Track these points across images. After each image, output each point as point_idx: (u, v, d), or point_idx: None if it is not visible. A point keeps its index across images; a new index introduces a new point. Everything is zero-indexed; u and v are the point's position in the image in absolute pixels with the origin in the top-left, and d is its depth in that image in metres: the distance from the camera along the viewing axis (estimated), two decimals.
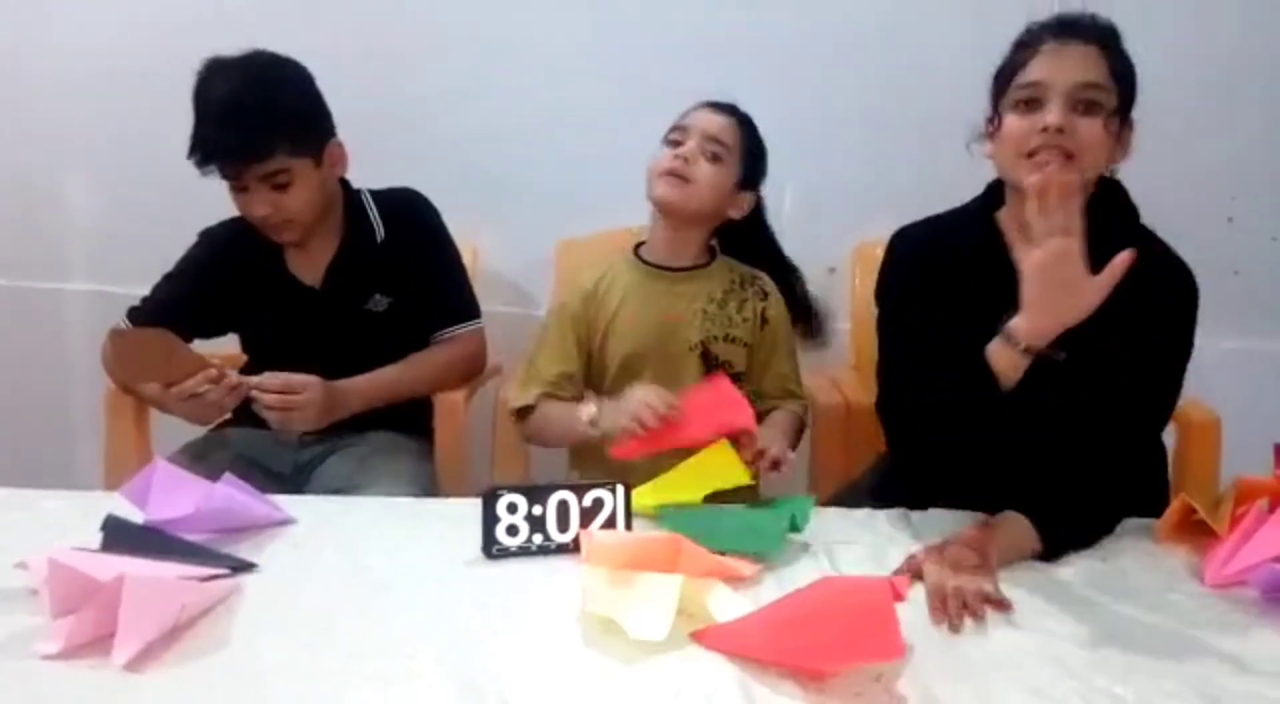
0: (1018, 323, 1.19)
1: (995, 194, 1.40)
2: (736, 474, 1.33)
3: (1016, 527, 1.20)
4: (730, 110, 1.56)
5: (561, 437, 1.58)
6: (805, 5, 2.14)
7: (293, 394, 1.52)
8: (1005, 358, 1.20)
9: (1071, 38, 1.27)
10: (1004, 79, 1.32)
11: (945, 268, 1.38)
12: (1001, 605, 1.06)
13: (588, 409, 1.47)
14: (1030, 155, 1.25)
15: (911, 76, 2.11)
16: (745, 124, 1.57)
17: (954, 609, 1.04)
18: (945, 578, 1.08)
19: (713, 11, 2.14)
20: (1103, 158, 1.28)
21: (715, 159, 1.51)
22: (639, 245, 1.63)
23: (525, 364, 1.65)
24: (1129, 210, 1.36)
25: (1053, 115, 1.23)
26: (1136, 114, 1.33)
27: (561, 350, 1.59)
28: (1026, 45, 1.30)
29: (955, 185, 1.57)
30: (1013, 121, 1.28)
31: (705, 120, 1.53)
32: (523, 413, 1.60)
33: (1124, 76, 1.28)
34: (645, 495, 1.29)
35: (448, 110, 2.17)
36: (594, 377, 1.61)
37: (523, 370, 1.65)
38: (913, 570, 1.12)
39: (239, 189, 1.55)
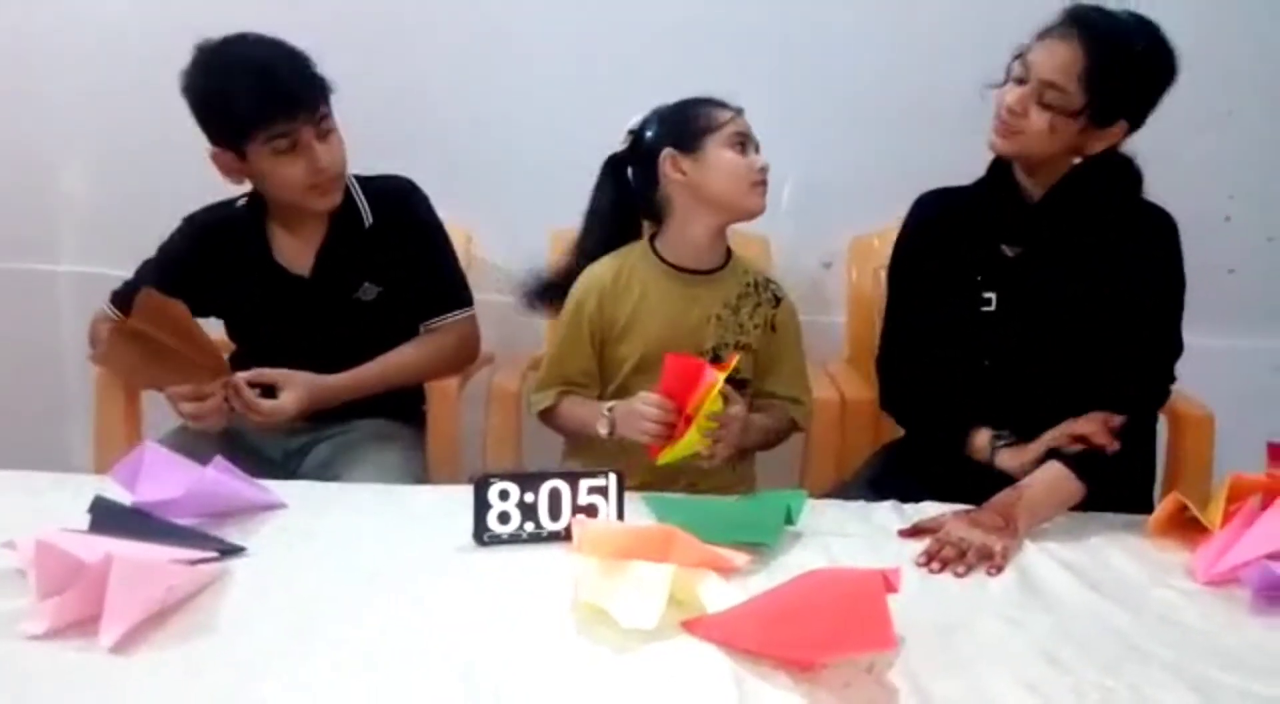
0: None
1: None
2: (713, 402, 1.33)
3: (1049, 474, 1.28)
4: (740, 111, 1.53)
5: (584, 433, 1.57)
6: None
7: (263, 405, 1.49)
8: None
9: (1068, 32, 1.35)
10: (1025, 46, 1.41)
11: (958, 230, 1.48)
12: (995, 564, 1.14)
13: (603, 423, 1.46)
14: (996, 119, 1.40)
15: (909, 70, 2.11)
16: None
17: (942, 554, 1.12)
18: (957, 530, 1.16)
19: (711, 5, 2.13)
20: (1049, 145, 1.38)
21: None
22: (652, 236, 1.61)
23: (544, 362, 1.64)
24: (1124, 180, 1.43)
25: (1011, 97, 1.38)
26: None
27: (579, 346, 1.57)
28: (1051, 24, 1.38)
29: (953, 179, 1.57)
30: (1005, 86, 1.40)
31: (747, 124, 1.51)
32: (545, 413, 1.59)
33: (1100, 84, 1.33)
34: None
35: (442, 97, 2.16)
36: (605, 373, 1.58)
37: (541, 369, 1.64)
38: (926, 529, 1.20)
39: (287, 150, 1.49)
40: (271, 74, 1.48)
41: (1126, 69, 1.34)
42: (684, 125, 1.51)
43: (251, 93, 1.46)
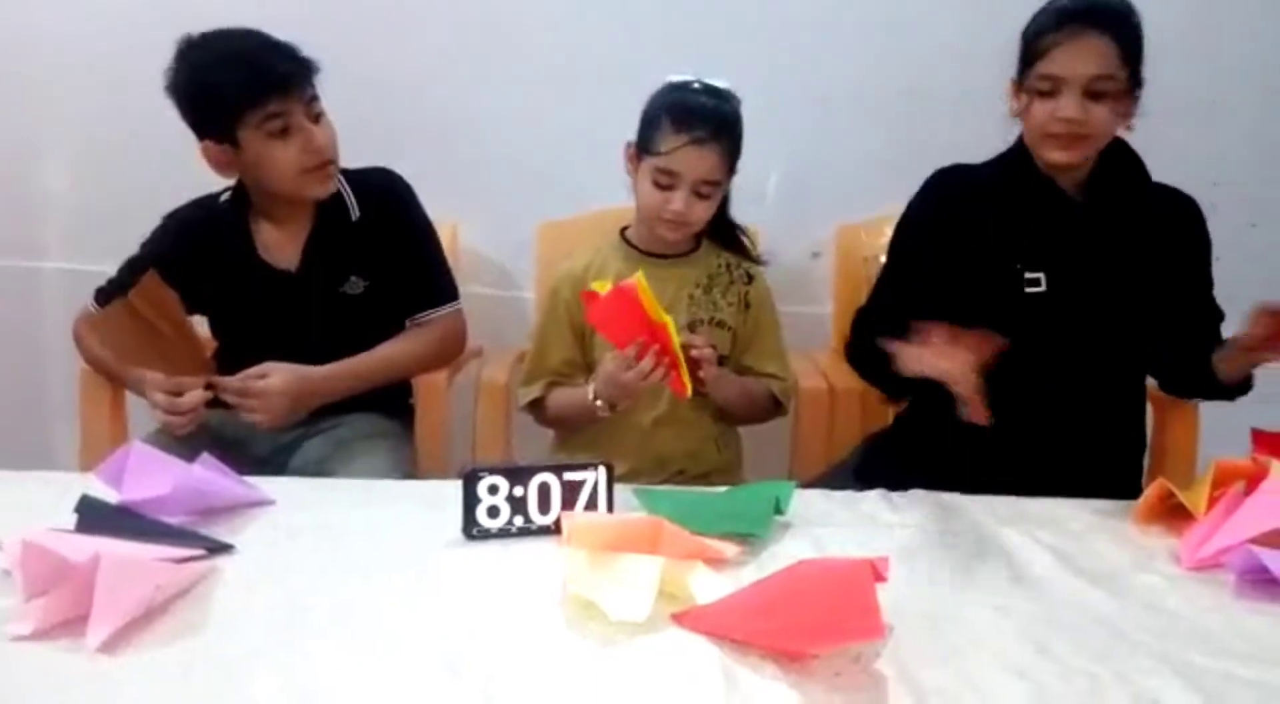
0: None
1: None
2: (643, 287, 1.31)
3: None
4: (714, 134, 1.47)
5: (582, 419, 1.57)
6: None
7: (252, 385, 1.49)
8: None
9: (1087, 27, 1.38)
10: (1028, 60, 1.42)
11: (981, 210, 1.50)
12: None
13: (601, 408, 1.47)
14: (1051, 135, 1.40)
15: (896, 59, 2.11)
16: (730, 125, 1.51)
17: None
18: None
19: None
20: (1114, 129, 1.43)
21: (707, 196, 1.51)
22: (625, 229, 1.63)
23: (527, 356, 1.64)
24: (1135, 161, 1.50)
25: (1069, 108, 1.38)
26: None
27: (560, 336, 1.59)
28: (1048, 32, 1.40)
29: (942, 165, 1.57)
30: (1036, 107, 1.41)
31: (692, 166, 1.47)
32: (534, 405, 1.59)
33: (1134, 54, 1.40)
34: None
35: (428, 88, 2.14)
36: (589, 361, 1.60)
37: (526, 363, 1.64)
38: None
39: (279, 133, 1.49)
40: (258, 56, 1.48)
41: (1139, 31, 1.41)
42: (647, 127, 1.51)
43: (240, 74, 1.47)
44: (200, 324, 1.67)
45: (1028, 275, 1.46)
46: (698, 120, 1.46)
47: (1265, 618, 1.03)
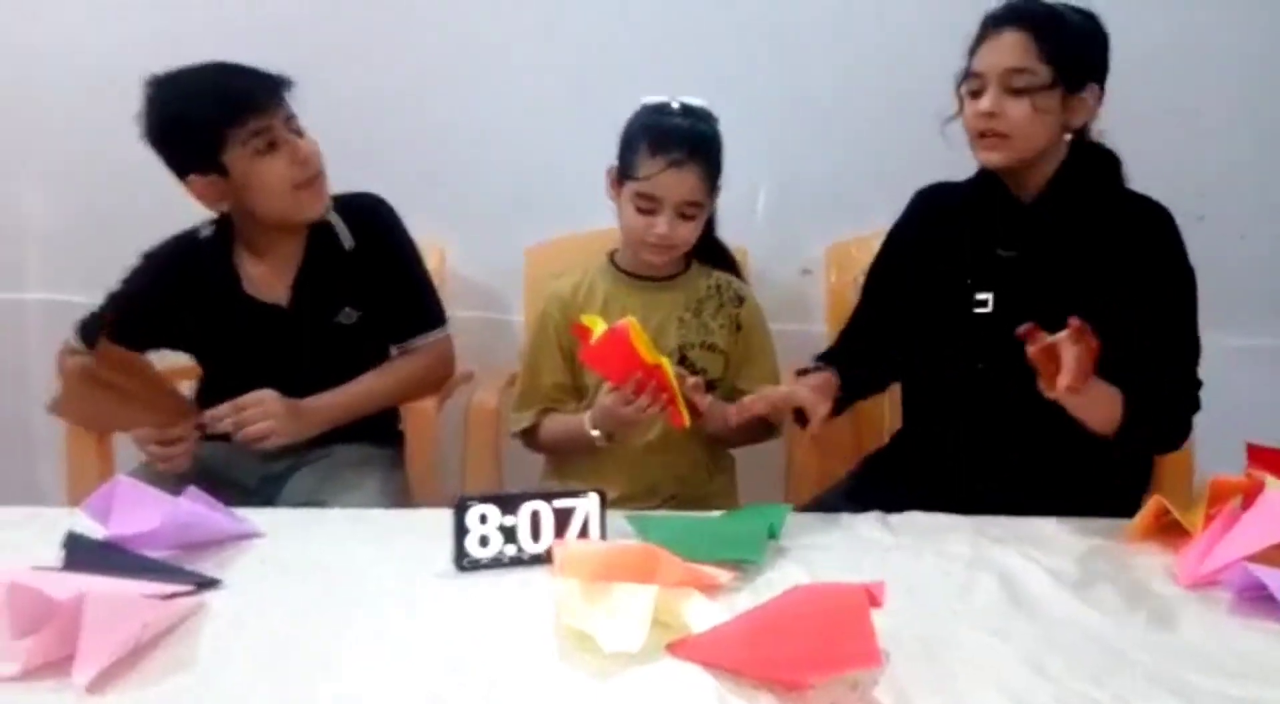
0: None
1: None
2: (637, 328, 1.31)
3: (1112, 389, 1.29)
4: (691, 154, 1.46)
5: (574, 447, 1.56)
6: (775, 1, 2.13)
7: (245, 400, 1.48)
8: None
9: (1004, 25, 1.39)
10: (964, 68, 1.44)
11: (952, 228, 1.51)
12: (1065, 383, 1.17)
13: (598, 439, 1.47)
14: (980, 136, 1.41)
15: (886, 75, 2.11)
16: (708, 145, 1.50)
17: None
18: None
19: (682, 11, 2.12)
20: (1043, 130, 1.40)
21: (691, 218, 1.50)
22: (613, 252, 1.62)
23: (518, 382, 1.63)
24: (1108, 171, 1.45)
25: (984, 102, 1.39)
26: (1104, 108, 1.44)
27: (550, 361, 1.58)
28: (977, 35, 1.43)
29: (931, 181, 1.57)
30: (966, 107, 1.43)
31: (672, 188, 1.47)
32: (527, 433, 1.58)
33: (1059, 53, 1.37)
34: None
35: (414, 110, 2.14)
36: (578, 382, 1.59)
37: (516, 388, 1.63)
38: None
39: (265, 149, 1.48)
40: (228, 78, 1.49)
41: (1069, 30, 1.39)
42: (626, 151, 1.51)
43: (215, 97, 1.47)
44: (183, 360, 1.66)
45: (977, 296, 1.46)
46: (674, 142, 1.46)
47: (1262, 635, 1.02)
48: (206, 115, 1.46)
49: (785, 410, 1.39)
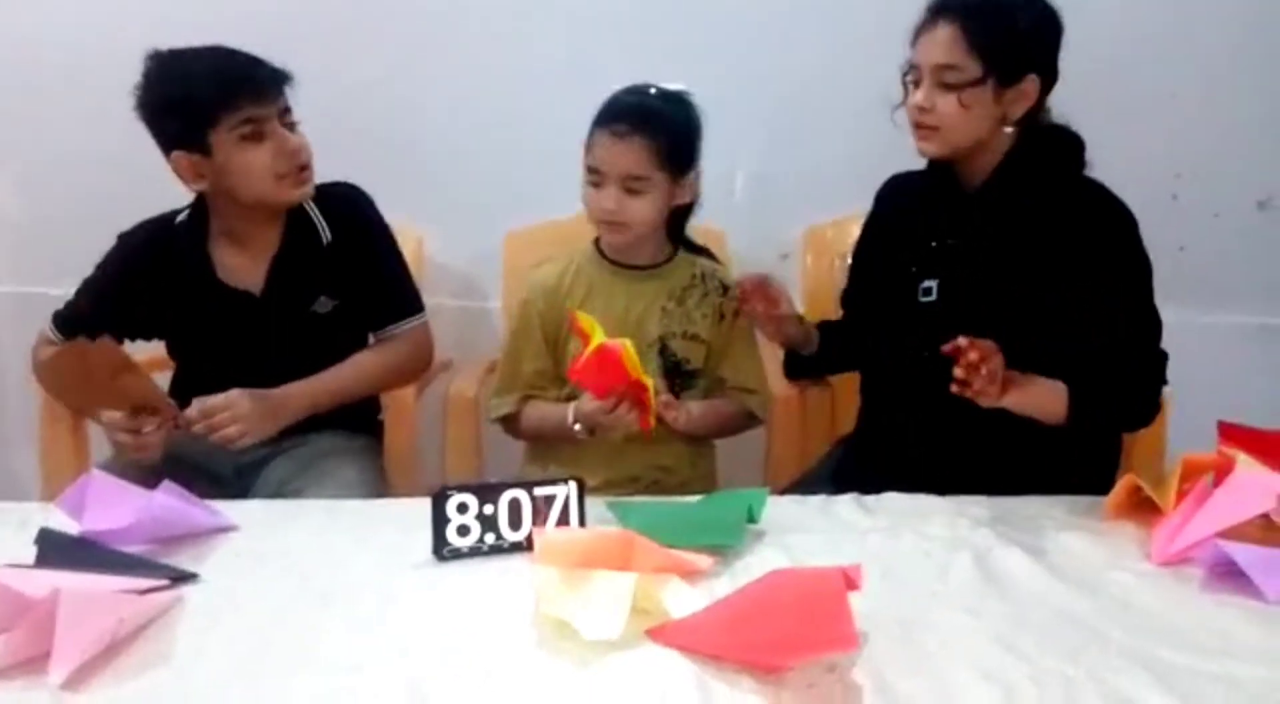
0: None
1: None
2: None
3: (1056, 386, 1.35)
4: (635, 127, 1.45)
5: (554, 436, 1.56)
6: None
7: (213, 401, 1.46)
8: None
9: (938, 19, 1.39)
10: (907, 58, 1.44)
11: (906, 217, 1.53)
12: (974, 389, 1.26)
13: (579, 431, 1.47)
14: (915, 126, 1.42)
15: (863, 58, 2.08)
16: (656, 118, 1.48)
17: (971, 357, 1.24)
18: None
19: None
20: (974, 123, 1.40)
21: (638, 192, 1.47)
22: (598, 238, 1.61)
23: (499, 368, 1.62)
24: (1064, 156, 1.44)
25: (917, 95, 1.41)
26: (1077, 88, 1.43)
27: (532, 348, 1.57)
28: (918, 26, 1.43)
29: (910, 167, 1.57)
30: (908, 97, 1.44)
31: (614, 161, 1.45)
32: (507, 420, 1.58)
33: (991, 46, 1.36)
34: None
35: (391, 95, 2.12)
36: (560, 371, 1.58)
37: (497, 375, 1.62)
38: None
39: (253, 137, 1.48)
40: (231, 62, 1.49)
41: (1006, 21, 1.38)
42: (590, 130, 1.50)
43: (215, 78, 1.47)
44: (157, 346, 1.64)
45: (923, 284, 1.47)
46: (617, 116, 1.46)
47: (1234, 611, 1.04)
48: (203, 94, 1.46)
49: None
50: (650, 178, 1.47)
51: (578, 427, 1.46)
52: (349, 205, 1.65)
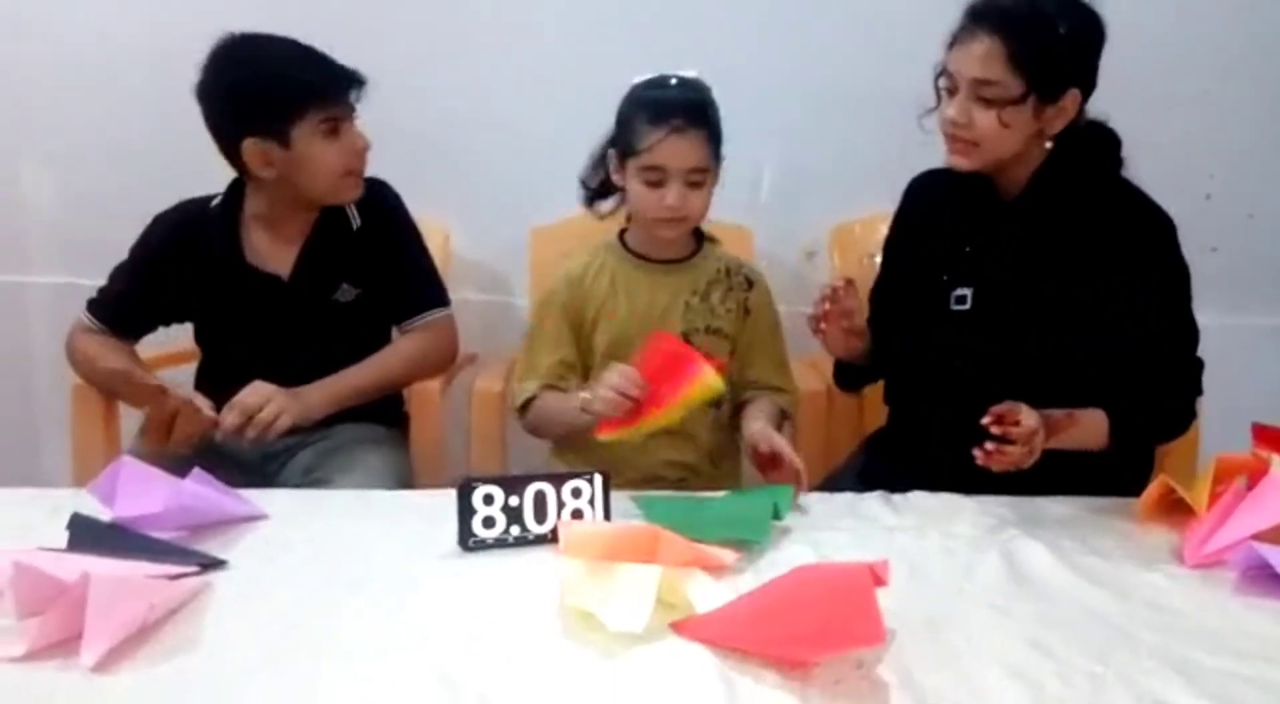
0: None
1: None
2: (710, 386, 1.30)
3: (1096, 417, 1.33)
4: (691, 121, 1.44)
5: (561, 426, 1.55)
6: None
7: (254, 412, 1.49)
8: None
9: (976, 29, 1.33)
10: (942, 62, 1.39)
11: (937, 221, 1.49)
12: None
13: (582, 394, 1.45)
14: (949, 139, 1.38)
15: (891, 54, 2.07)
16: (708, 109, 1.48)
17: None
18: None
19: None
20: (1010, 140, 1.35)
21: (699, 185, 1.47)
22: (623, 231, 1.61)
23: (521, 358, 1.63)
24: (1103, 157, 1.40)
25: (952, 108, 1.35)
26: (1109, 88, 1.38)
27: (555, 339, 1.57)
28: (955, 32, 1.36)
29: (935, 164, 1.56)
30: (941, 105, 1.38)
31: (682, 157, 1.44)
32: (524, 408, 1.58)
33: (1034, 63, 1.30)
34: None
35: (417, 94, 2.11)
36: (585, 361, 1.59)
37: (519, 365, 1.62)
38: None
39: (330, 133, 1.53)
40: (319, 58, 1.53)
41: (1049, 37, 1.31)
42: (624, 130, 1.49)
43: (309, 72, 1.51)
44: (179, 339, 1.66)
45: (956, 292, 1.44)
46: (673, 111, 1.44)
47: (1268, 615, 1.02)
48: (294, 85, 1.50)
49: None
50: (710, 169, 1.48)
51: (585, 395, 1.44)
52: (378, 197, 1.67)
